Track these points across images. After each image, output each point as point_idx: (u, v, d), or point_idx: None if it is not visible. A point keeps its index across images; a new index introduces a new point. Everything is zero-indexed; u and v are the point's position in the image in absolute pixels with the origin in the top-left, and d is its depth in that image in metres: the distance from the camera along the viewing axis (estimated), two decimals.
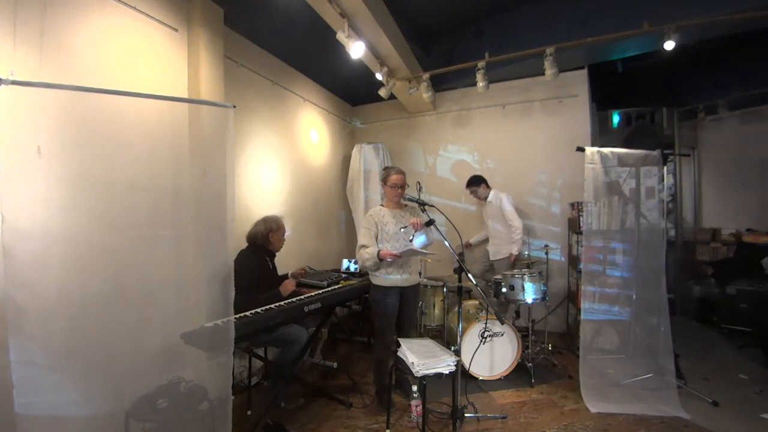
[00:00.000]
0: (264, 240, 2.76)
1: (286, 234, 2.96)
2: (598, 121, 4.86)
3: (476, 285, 2.30)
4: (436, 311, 3.72)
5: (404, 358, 2.25)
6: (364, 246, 2.60)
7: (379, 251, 2.51)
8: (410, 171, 4.12)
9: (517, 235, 3.72)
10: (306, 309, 2.45)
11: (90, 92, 1.93)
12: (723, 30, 3.30)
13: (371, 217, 2.68)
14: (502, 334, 3.04)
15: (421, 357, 2.18)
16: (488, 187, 4.00)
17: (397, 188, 2.65)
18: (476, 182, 4.00)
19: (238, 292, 2.11)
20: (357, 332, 4.10)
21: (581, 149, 2.84)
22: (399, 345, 2.39)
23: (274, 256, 2.91)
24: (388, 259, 2.51)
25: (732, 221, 4.84)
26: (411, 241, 2.52)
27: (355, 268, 3.79)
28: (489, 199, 3.96)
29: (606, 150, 2.88)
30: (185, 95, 2.72)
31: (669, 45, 3.06)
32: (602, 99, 4.84)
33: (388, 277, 2.62)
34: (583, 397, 2.68)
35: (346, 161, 5.01)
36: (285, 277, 2.89)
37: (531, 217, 4.43)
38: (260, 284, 2.60)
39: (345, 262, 3.90)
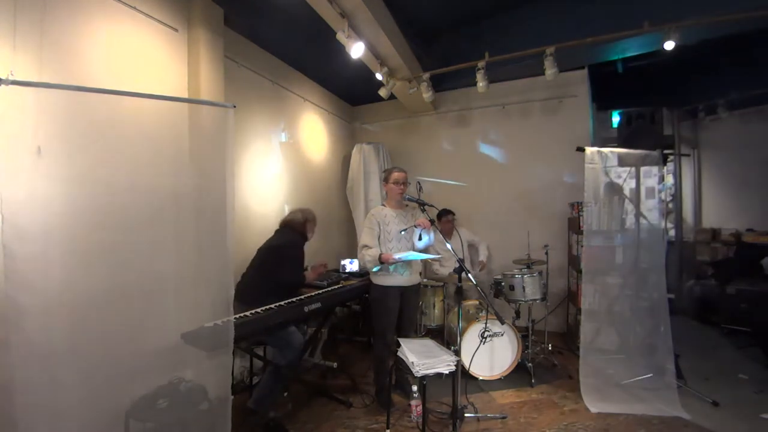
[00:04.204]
0: (301, 227, 2.83)
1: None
2: (598, 121, 4.86)
3: (476, 285, 2.30)
4: (436, 311, 3.72)
5: (404, 358, 2.25)
6: (366, 246, 2.60)
7: (380, 255, 2.51)
8: (410, 171, 4.12)
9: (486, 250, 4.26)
10: (306, 309, 2.45)
11: (90, 92, 1.93)
12: (723, 30, 3.30)
13: (373, 217, 2.69)
14: (502, 334, 3.04)
15: (421, 357, 2.18)
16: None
17: (400, 184, 2.66)
18: (451, 212, 4.06)
19: (296, 274, 2.65)
20: (357, 332, 4.10)
21: (581, 149, 2.84)
22: (399, 345, 2.39)
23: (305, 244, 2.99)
24: (390, 262, 2.52)
25: (732, 221, 4.84)
26: (419, 240, 2.54)
27: (353, 270, 3.79)
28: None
29: (606, 150, 2.88)
30: (185, 95, 2.73)
31: (669, 45, 3.06)
32: (602, 99, 4.84)
33: (389, 277, 2.62)
34: (583, 397, 2.68)
35: (346, 161, 5.00)
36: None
37: (531, 216, 4.43)
38: (301, 263, 2.80)
39: (343, 264, 3.90)
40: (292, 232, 2.80)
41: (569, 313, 4.17)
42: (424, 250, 2.72)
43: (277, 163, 3.83)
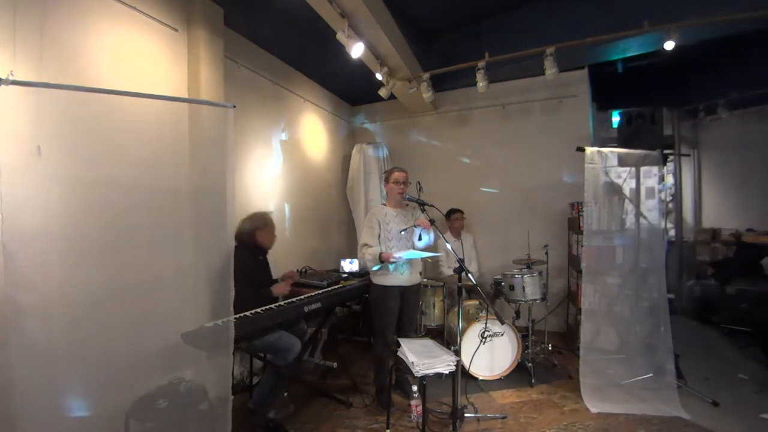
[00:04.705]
0: (250, 238, 2.57)
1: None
2: (598, 121, 4.86)
3: (476, 285, 2.30)
4: (436, 311, 3.72)
5: (404, 358, 2.25)
6: (366, 245, 2.61)
7: (381, 254, 2.51)
8: (410, 171, 4.12)
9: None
10: (306, 309, 2.45)
11: (90, 92, 1.93)
12: (723, 30, 3.30)
13: (374, 216, 2.69)
14: (502, 334, 3.04)
15: (421, 357, 2.18)
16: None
17: (400, 184, 2.67)
18: (459, 210, 4.12)
19: (241, 292, 2.16)
20: (357, 332, 4.10)
21: (581, 149, 2.84)
22: (399, 345, 2.39)
23: (267, 252, 2.74)
24: (390, 261, 2.52)
25: (732, 221, 4.85)
26: (419, 240, 2.54)
27: (352, 270, 3.80)
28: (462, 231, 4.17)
29: (606, 150, 2.88)
30: (185, 95, 2.73)
31: (669, 45, 3.06)
32: (602, 99, 4.84)
33: (390, 277, 2.62)
34: (583, 397, 2.68)
35: (346, 161, 5.00)
36: (270, 276, 2.77)
37: (531, 216, 4.44)
38: (253, 282, 2.45)
39: (341, 264, 3.92)
40: (240, 246, 2.43)
41: (569, 313, 4.17)
42: (425, 250, 2.72)
43: (277, 163, 3.83)
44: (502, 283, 3.33)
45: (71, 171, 1.99)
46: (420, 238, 2.72)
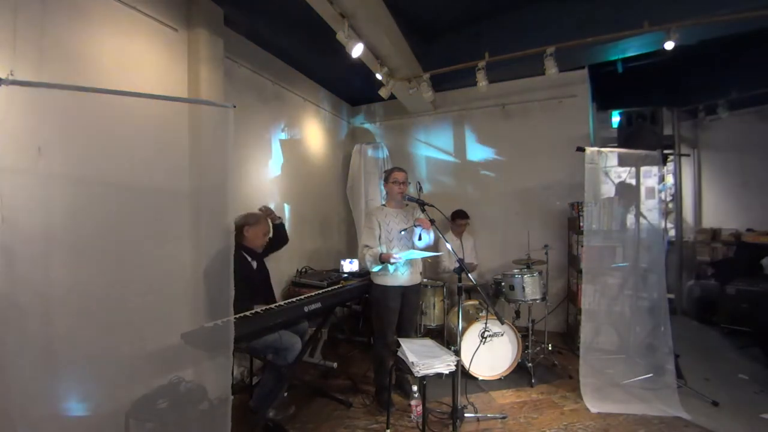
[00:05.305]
0: (238, 235, 2.42)
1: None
2: (598, 121, 4.86)
3: (476, 284, 2.30)
4: (436, 311, 3.72)
5: (404, 358, 2.25)
6: (367, 246, 2.61)
7: (381, 254, 2.52)
8: (410, 171, 4.12)
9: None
10: (306, 309, 2.45)
11: (90, 92, 1.93)
12: (723, 30, 3.29)
13: (373, 216, 2.69)
14: (502, 334, 3.04)
15: (421, 357, 2.18)
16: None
17: (399, 184, 2.67)
18: (465, 216, 4.12)
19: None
20: (357, 332, 4.10)
21: (581, 149, 2.84)
22: (399, 345, 2.39)
23: (257, 254, 2.68)
24: (391, 261, 2.52)
25: (732, 221, 4.84)
26: (419, 240, 2.55)
27: (352, 270, 3.80)
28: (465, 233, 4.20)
29: (606, 150, 2.89)
30: (185, 95, 2.73)
31: (669, 45, 3.06)
32: (602, 99, 4.84)
33: (390, 277, 2.63)
34: (583, 397, 2.68)
35: (346, 161, 5.01)
36: (265, 280, 2.69)
37: (531, 216, 4.44)
38: (236, 284, 2.36)
39: (341, 264, 3.92)
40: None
41: (569, 313, 4.17)
42: (424, 250, 2.72)
43: (277, 163, 3.83)
44: (502, 283, 3.33)
45: (71, 171, 2.00)
46: (420, 238, 2.72)
